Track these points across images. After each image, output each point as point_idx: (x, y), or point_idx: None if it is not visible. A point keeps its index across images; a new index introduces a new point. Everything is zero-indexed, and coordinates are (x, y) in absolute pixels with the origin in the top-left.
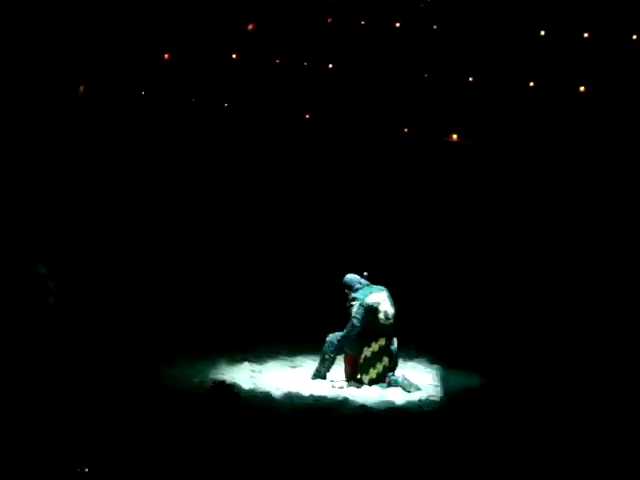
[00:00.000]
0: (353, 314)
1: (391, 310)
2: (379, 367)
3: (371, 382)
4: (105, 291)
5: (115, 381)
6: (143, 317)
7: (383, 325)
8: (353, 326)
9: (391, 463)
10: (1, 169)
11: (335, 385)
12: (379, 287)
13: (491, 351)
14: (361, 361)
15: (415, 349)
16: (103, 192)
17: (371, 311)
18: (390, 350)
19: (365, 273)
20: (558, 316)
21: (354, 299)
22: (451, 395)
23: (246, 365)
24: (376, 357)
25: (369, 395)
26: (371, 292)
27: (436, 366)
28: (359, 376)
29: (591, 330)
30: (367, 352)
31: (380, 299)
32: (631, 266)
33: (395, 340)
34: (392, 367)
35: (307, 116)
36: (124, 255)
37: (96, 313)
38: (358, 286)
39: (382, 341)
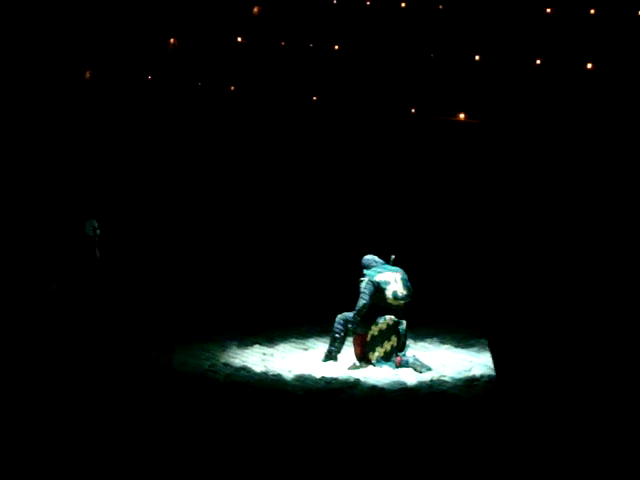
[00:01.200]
0: (362, 289)
1: (402, 291)
2: (387, 346)
3: (378, 361)
4: (116, 276)
5: (126, 367)
6: (154, 302)
7: (391, 305)
8: (363, 301)
9: (403, 444)
10: (7, 155)
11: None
12: (395, 268)
13: (500, 331)
14: (368, 339)
15: (426, 329)
16: (108, 179)
17: (379, 289)
18: (398, 330)
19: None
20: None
21: (364, 275)
22: (462, 376)
23: (257, 348)
24: (384, 335)
25: (380, 376)
26: (383, 271)
27: (446, 346)
28: (368, 356)
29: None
30: (374, 330)
31: (391, 279)
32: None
33: (404, 322)
34: (400, 348)
35: (314, 98)
36: (136, 240)
37: (107, 299)
38: (373, 265)
39: (390, 320)
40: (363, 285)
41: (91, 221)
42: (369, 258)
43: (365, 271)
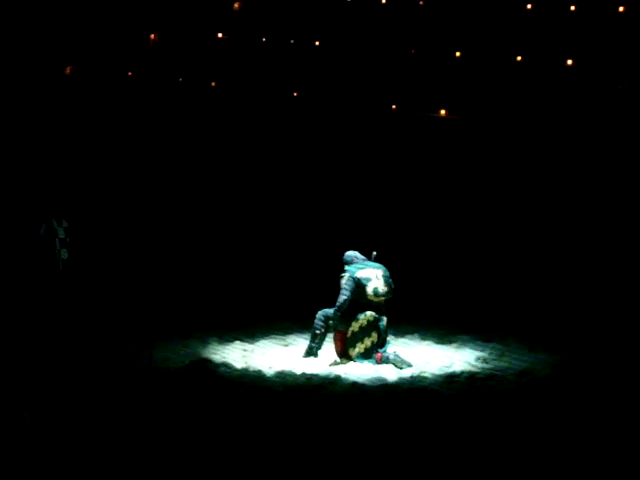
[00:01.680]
0: (342, 286)
1: (382, 288)
2: (367, 342)
3: (358, 357)
4: (97, 273)
5: (106, 364)
6: (134, 299)
7: (372, 301)
8: (344, 297)
9: (384, 440)
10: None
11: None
12: (376, 264)
13: (483, 326)
14: (348, 335)
15: (407, 325)
16: (94, 175)
17: (360, 285)
18: (379, 327)
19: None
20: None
21: (345, 271)
22: (443, 372)
23: (238, 344)
24: (364, 332)
25: (361, 372)
26: (364, 267)
27: (427, 342)
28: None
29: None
30: (355, 326)
31: (372, 275)
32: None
33: (385, 318)
34: (380, 344)
35: (295, 94)
36: (116, 237)
37: (89, 296)
38: (355, 261)
39: (371, 316)
40: (344, 281)
41: (51, 222)
42: (351, 254)
43: (346, 267)
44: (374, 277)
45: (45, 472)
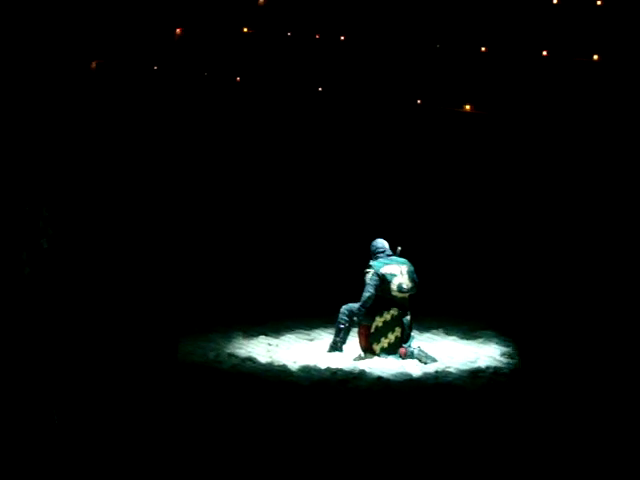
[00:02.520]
0: (367, 282)
1: (407, 284)
2: (391, 337)
3: (382, 352)
4: (120, 266)
5: (132, 356)
6: (160, 292)
7: (396, 297)
8: (368, 293)
9: (409, 435)
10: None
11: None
12: (401, 260)
13: (507, 322)
14: (372, 330)
15: (432, 320)
16: (115, 168)
17: (384, 281)
18: (403, 322)
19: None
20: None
21: (370, 266)
22: (468, 367)
23: (262, 339)
24: (388, 327)
25: (386, 367)
26: (389, 263)
27: (452, 337)
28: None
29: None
30: (379, 321)
31: (396, 271)
32: None
33: (409, 313)
34: (404, 339)
35: (320, 89)
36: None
37: (111, 288)
38: (380, 253)
39: (395, 311)
40: (369, 277)
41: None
42: (379, 244)
43: (371, 262)
44: (399, 273)
45: (71, 467)
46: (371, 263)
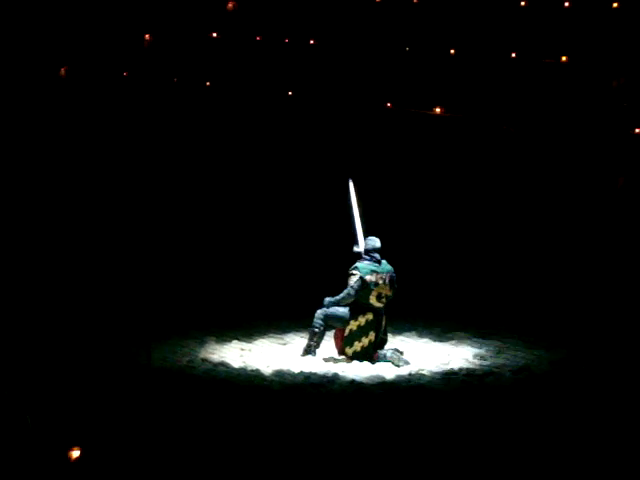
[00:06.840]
0: (350, 284)
1: (386, 293)
2: (364, 341)
3: (355, 356)
4: (93, 273)
5: (105, 363)
6: (132, 298)
7: (374, 304)
8: (348, 294)
9: (383, 438)
10: None
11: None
12: (387, 267)
13: (481, 322)
14: (346, 333)
15: (404, 322)
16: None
17: (367, 288)
18: (377, 327)
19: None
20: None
21: (356, 268)
22: (441, 369)
23: (235, 343)
24: (362, 331)
25: (359, 370)
26: (375, 270)
27: (425, 339)
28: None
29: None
30: (353, 325)
31: (380, 280)
32: None
33: (384, 319)
34: (378, 344)
35: (289, 93)
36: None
37: (84, 295)
38: (370, 253)
39: (370, 316)
40: (353, 280)
41: None
42: (372, 244)
43: (358, 264)
44: (382, 282)
45: (46, 472)
46: (357, 265)
